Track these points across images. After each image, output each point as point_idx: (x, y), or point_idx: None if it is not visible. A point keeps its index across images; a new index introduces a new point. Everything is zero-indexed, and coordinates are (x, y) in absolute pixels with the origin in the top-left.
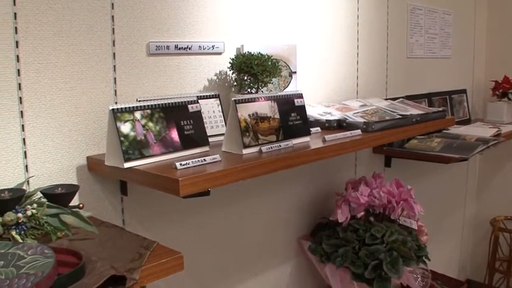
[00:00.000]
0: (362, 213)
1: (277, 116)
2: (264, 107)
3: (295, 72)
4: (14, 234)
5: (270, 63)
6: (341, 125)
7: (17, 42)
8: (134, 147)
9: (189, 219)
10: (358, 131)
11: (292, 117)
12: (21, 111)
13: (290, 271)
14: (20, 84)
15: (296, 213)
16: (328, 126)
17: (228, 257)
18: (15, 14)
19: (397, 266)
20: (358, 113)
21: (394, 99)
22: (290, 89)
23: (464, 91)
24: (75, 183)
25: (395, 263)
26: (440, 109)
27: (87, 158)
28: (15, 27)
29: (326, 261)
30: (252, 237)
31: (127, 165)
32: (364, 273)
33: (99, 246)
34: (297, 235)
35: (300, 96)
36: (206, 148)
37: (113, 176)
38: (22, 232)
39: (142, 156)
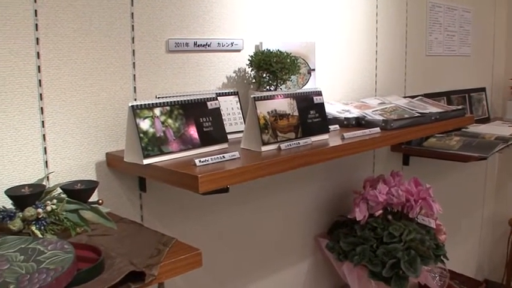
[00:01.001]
0: (380, 211)
1: (296, 113)
2: (283, 104)
3: (313, 70)
4: (34, 229)
5: (288, 60)
6: (360, 122)
7: (37, 39)
8: (153, 144)
9: (207, 216)
10: (377, 129)
11: (311, 114)
12: (42, 108)
13: (307, 269)
14: (40, 80)
15: (313, 211)
16: (347, 124)
17: (245, 254)
18: (35, 11)
19: (415, 265)
20: (376, 110)
21: (412, 97)
22: (308, 87)
23: (483, 89)
24: (94, 179)
25: (413, 262)
26: (460, 107)
27: (106, 154)
28: (36, 24)
29: (343, 259)
30: (270, 235)
31: (146, 161)
32: (382, 271)
33: (118, 242)
34: (314, 233)
35: (319, 93)
36: (225, 145)
37: (132, 173)
38: (42, 227)
39: (162, 153)
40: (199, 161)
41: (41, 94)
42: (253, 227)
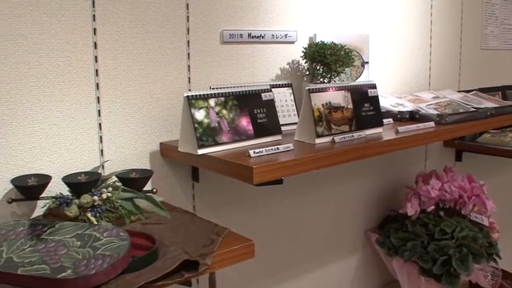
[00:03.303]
0: (432, 207)
1: (350, 106)
2: (337, 96)
3: (367, 63)
4: (89, 216)
5: (343, 52)
6: (413, 116)
7: (94, 29)
8: (208, 134)
9: (259, 207)
10: (431, 123)
11: (365, 107)
12: (98, 97)
13: (356, 263)
14: (97, 70)
15: (364, 205)
16: (401, 117)
17: (295, 247)
18: (93, 1)
19: (467, 262)
20: (431, 104)
21: (467, 91)
22: (362, 79)
23: None
24: (149, 169)
25: (465, 260)
26: None
27: (160, 144)
28: (93, 15)
29: (394, 254)
30: (320, 228)
31: (200, 151)
32: (433, 268)
33: (171, 231)
34: (364, 227)
35: (374, 86)
36: (279, 137)
37: (186, 162)
38: (97, 214)
39: (216, 143)
40: (254, 152)
41: (97, 84)
42: (304, 219)
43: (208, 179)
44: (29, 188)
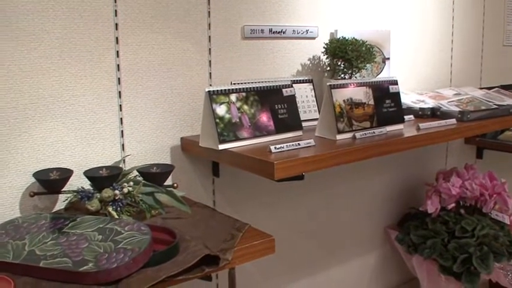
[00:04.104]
0: (453, 205)
1: (371, 102)
2: (358, 93)
3: (388, 59)
4: (110, 210)
5: (364, 48)
6: (435, 113)
7: (116, 24)
8: (229, 129)
9: (279, 203)
10: (453, 120)
11: (386, 104)
12: (119, 92)
13: (375, 260)
14: (118, 65)
15: (384, 202)
16: (422, 114)
17: (314, 243)
18: None
19: (488, 261)
20: (452, 101)
21: (489, 88)
22: (383, 76)
23: None
24: (169, 163)
25: (485, 258)
26: None
27: (181, 138)
28: (115, 10)
29: (413, 252)
30: (340, 224)
31: (222, 147)
32: (453, 266)
33: (192, 225)
34: (383, 224)
35: (395, 82)
36: (299, 132)
37: (207, 157)
38: (118, 208)
39: (237, 139)
40: (275, 148)
41: (119, 78)
42: (324, 215)
43: (229, 174)
44: (51, 181)
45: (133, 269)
